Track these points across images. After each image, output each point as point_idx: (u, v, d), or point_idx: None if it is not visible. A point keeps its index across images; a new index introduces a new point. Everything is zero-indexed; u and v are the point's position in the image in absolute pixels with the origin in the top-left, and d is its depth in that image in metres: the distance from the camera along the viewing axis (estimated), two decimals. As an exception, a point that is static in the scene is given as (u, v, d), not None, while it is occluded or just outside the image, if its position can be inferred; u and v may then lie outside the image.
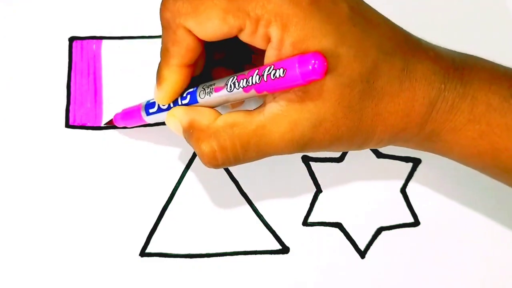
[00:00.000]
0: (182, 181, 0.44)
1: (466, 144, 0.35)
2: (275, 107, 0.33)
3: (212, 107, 0.36)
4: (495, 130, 0.35)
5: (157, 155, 0.44)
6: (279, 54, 0.32)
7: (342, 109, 0.33)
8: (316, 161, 0.46)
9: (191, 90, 0.36)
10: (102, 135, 0.44)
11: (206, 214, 0.44)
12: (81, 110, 0.44)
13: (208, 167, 0.35)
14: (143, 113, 0.40)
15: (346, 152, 0.46)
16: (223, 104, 0.35)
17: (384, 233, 0.46)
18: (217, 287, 0.44)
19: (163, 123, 0.45)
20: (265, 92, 0.32)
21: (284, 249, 0.45)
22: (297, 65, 0.30)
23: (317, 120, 0.33)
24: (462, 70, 0.35)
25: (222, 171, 0.45)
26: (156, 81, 0.36)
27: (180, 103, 0.36)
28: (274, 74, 0.31)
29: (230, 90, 0.33)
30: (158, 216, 0.44)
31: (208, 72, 0.38)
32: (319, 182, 0.46)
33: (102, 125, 0.44)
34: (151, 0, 0.46)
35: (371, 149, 0.46)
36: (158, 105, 0.38)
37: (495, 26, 0.48)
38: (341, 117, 0.33)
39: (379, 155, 0.46)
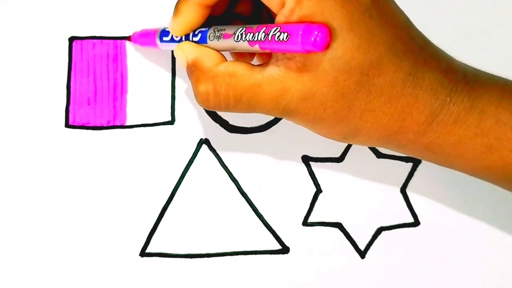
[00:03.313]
0: (182, 181, 0.44)
1: (473, 158, 0.35)
2: (274, 70, 0.33)
3: (219, 51, 0.36)
4: (505, 144, 0.34)
5: (157, 155, 0.44)
6: (286, 22, 0.32)
7: (333, 93, 0.33)
8: (316, 161, 0.46)
9: (203, 29, 0.37)
10: (102, 135, 0.44)
11: (206, 214, 0.44)
12: (81, 110, 0.44)
13: (200, 105, 0.36)
14: (157, 39, 0.41)
15: (346, 152, 0.46)
16: (229, 50, 0.36)
17: (384, 233, 0.46)
18: (217, 287, 0.44)
19: (166, 122, 0.45)
20: (267, 50, 0.33)
21: (284, 249, 0.45)
22: (300, 33, 0.30)
23: (307, 94, 0.33)
24: (472, 84, 0.34)
25: (222, 171, 0.45)
26: (173, 12, 0.37)
27: (191, 38, 0.37)
28: (278, 36, 0.31)
29: (237, 40, 0.34)
30: (158, 216, 0.44)
31: (228, 19, 0.39)
32: (319, 182, 0.46)
33: (120, 36, 0.45)
34: (151, 0, 0.46)
35: (371, 149, 0.46)
36: (172, 35, 0.39)
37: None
38: (331, 99, 0.33)
39: (379, 155, 0.46)
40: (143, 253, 0.44)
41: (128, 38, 0.45)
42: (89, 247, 0.43)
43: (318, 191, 0.46)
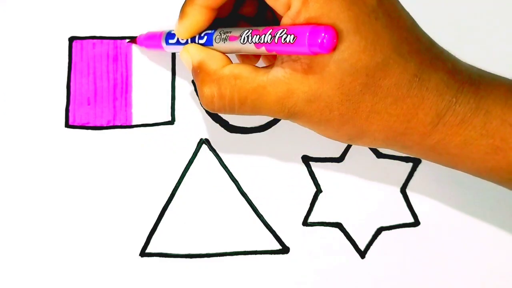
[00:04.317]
0: (182, 181, 0.44)
1: (478, 159, 0.35)
2: (279, 72, 0.33)
3: (225, 53, 0.37)
4: (511, 145, 0.34)
5: (157, 155, 0.44)
6: (293, 24, 0.32)
7: (339, 95, 0.33)
8: (316, 161, 0.46)
9: (209, 31, 0.37)
10: (102, 135, 0.44)
11: (206, 214, 0.44)
12: (81, 110, 0.44)
13: (205, 108, 0.36)
14: (163, 41, 0.41)
15: (346, 152, 0.46)
16: (236, 53, 0.36)
17: (384, 233, 0.46)
18: (217, 287, 0.44)
19: (166, 122, 0.45)
20: (274, 52, 0.33)
21: (284, 249, 0.45)
22: (307, 35, 0.30)
23: (313, 96, 0.33)
24: (478, 85, 0.34)
25: (222, 171, 0.45)
26: (179, 15, 0.37)
27: (197, 41, 0.37)
28: (284, 39, 0.31)
29: (243, 42, 0.34)
30: (158, 216, 0.44)
31: (233, 21, 0.39)
32: (319, 182, 0.46)
33: (126, 42, 0.45)
34: (151, 0, 0.46)
35: (371, 149, 0.46)
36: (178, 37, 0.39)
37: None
38: (336, 101, 0.33)
39: (379, 155, 0.46)
40: (143, 253, 0.44)
41: (133, 41, 0.45)
42: (89, 247, 0.43)
43: (318, 191, 0.46)
